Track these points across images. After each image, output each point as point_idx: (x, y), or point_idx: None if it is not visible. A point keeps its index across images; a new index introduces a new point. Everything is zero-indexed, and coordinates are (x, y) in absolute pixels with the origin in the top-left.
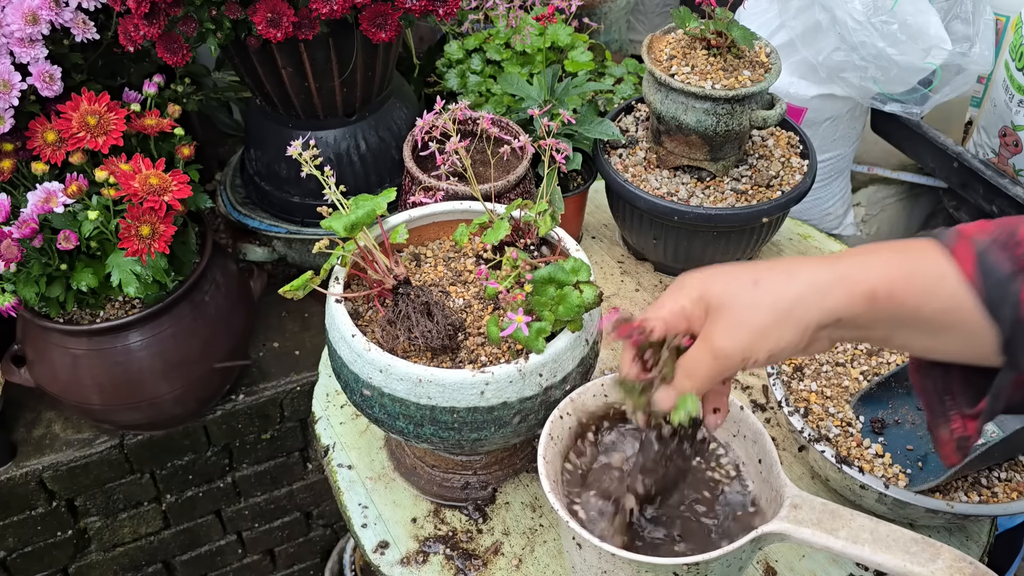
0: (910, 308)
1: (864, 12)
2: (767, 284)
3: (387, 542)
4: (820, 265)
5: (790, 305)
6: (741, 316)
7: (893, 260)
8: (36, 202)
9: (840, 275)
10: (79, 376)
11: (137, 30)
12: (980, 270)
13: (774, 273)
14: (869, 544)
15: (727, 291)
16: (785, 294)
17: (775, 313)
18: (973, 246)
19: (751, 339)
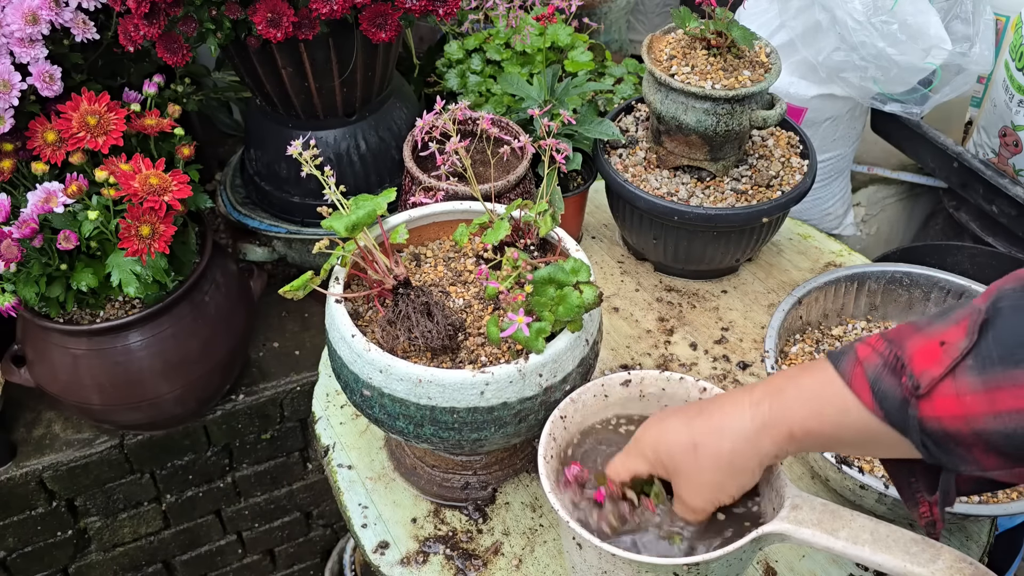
0: (828, 437)
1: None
2: (703, 448)
3: (387, 542)
4: (741, 415)
5: (729, 461)
6: (697, 481)
7: (801, 402)
8: (36, 202)
9: (760, 425)
10: (79, 376)
11: (137, 30)
12: (877, 399)
13: (706, 435)
14: (869, 544)
15: (676, 459)
16: (721, 453)
17: (720, 471)
18: (865, 375)
19: (713, 493)
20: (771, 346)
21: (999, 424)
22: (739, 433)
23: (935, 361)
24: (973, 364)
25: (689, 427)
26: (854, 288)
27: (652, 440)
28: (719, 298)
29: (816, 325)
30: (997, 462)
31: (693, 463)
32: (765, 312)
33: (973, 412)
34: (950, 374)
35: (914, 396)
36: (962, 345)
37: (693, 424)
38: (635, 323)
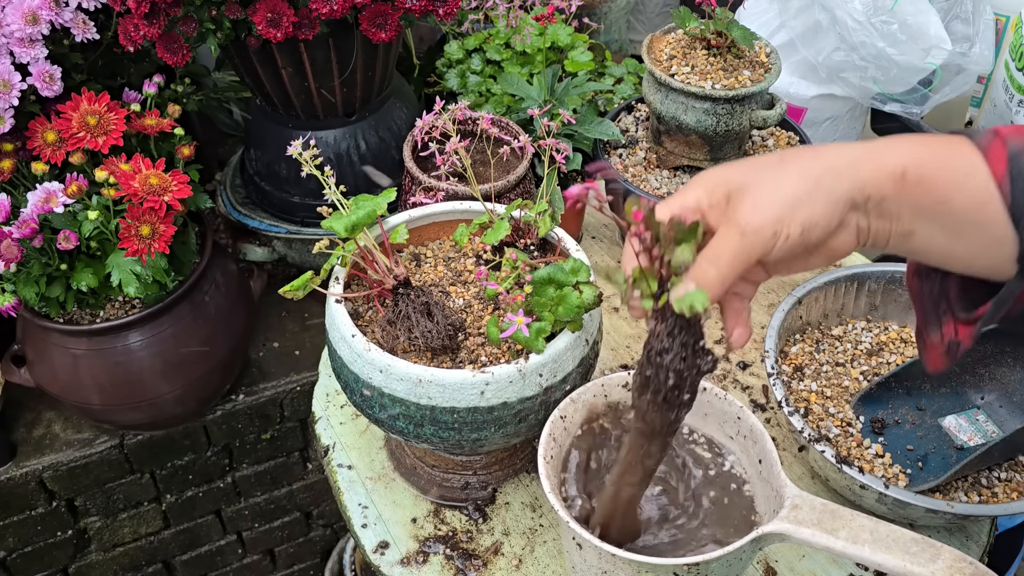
0: (938, 197)
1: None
2: (794, 159)
3: (387, 542)
4: (849, 145)
5: (820, 174)
6: (769, 189)
7: (925, 146)
8: (36, 202)
9: (870, 151)
10: (79, 376)
11: (137, 30)
12: (1010, 173)
13: (801, 152)
14: (869, 544)
15: (751, 171)
16: (814, 165)
17: (805, 182)
18: (1007, 147)
19: (781, 210)
20: (771, 346)
21: None
22: (841, 153)
23: None
24: None
25: (776, 153)
26: (854, 288)
27: (721, 168)
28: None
29: (816, 325)
30: None
31: (774, 171)
32: (765, 312)
33: None
34: None
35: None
36: None
37: (783, 153)
38: (635, 323)
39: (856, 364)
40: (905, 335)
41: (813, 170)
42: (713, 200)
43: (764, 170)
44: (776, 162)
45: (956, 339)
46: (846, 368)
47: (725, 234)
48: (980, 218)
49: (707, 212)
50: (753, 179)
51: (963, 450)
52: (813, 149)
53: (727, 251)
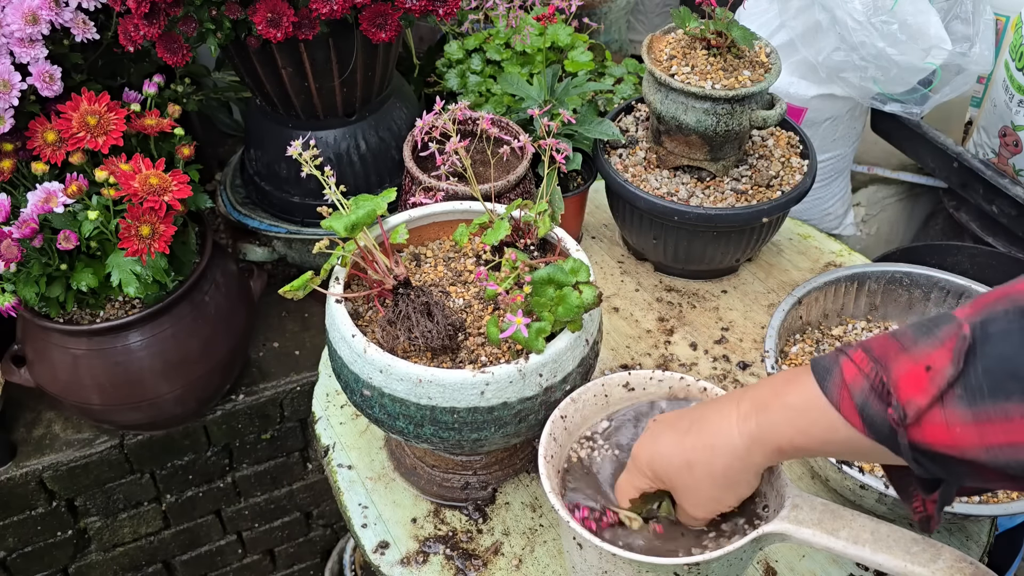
0: (816, 450)
1: (864, 12)
2: (698, 467)
3: (387, 542)
4: (730, 431)
5: (724, 475)
6: (695, 496)
7: (788, 420)
8: (36, 202)
9: (749, 442)
10: (79, 376)
11: (137, 30)
12: (866, 424)
13: (698, 452)
14: (870, 544)
15: (673, 476)
16: (715, 471)
17: (717, 486)
18: (853, 400)
19: (713, 505)
20: (771, 346)
21: (991, 457)
22: (730, 450)
23: (921, 390)
24: (962, 394)
25: (681, 445)
26: (854, 288)
27: (647, 458)
28: (719, 298)
29: (816, 325)
30: (1000, 480)
31: (690, 480)
32: (765, 312)
33: (963, 443)
34: (938, 403)
35: (901, 426)
36: (948, 373)
37: (684, 442)
38: (635, 323)
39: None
40: None
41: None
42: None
43: (683, 478)
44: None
45: (927, 514)
46: None
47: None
48: (862, 451)
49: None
50: (678, 484)
51: None
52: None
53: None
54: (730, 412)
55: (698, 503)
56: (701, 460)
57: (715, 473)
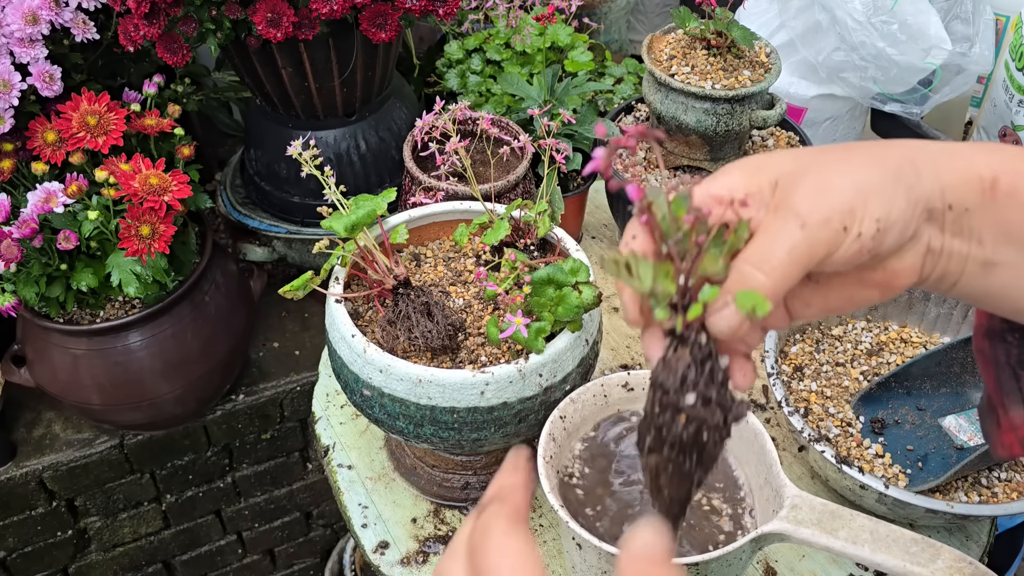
0: None
1: (864, 12)
2: (861, 145)
3: (387, 542)
4: (923, 141)
5: (898, 164)
6: (836, 171)
7: (1019, 156)
8: (36, 202)
9: (954, 152)
10: (79, 376)
11: (137, 30)
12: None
13: (866, 142)
14: (869, 544)
15: (807, 155)
16: (889, 153)
17: (881, 169)
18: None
19: (853, 197)
20: (771, 346)
21: None
22: (917, 146)
23: None
24: None
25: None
26: None
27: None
28: None
29: (816, 325)
30: None
31: (840, 154)
32: None
33: None
34: None
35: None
36: None
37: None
38: None
39: (856, 364)
40: (905, 335)
41: (889, 158)
42: (753, 187)
43: (825, 153)
44: (840, 148)
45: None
46: (846, 368)
47: (778, 226)
48: None
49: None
50: (811, 162)
51: (963, 450)
52: (883, 142)
53: (782, 248)
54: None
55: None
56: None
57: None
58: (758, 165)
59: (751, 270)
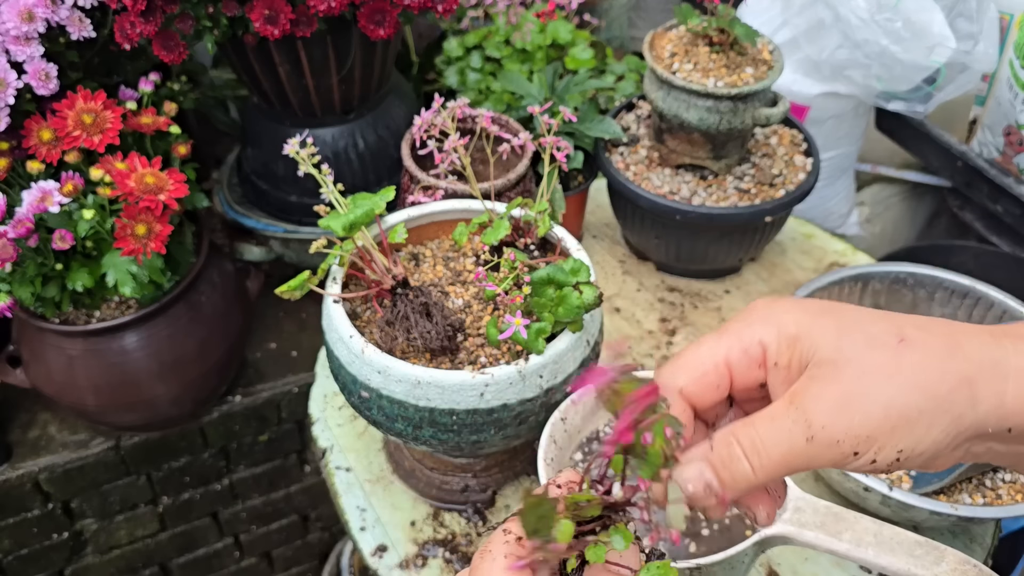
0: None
1: (867, 9)
2: (920, 342)
3: (385, 545)
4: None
5: (952, 387)
6: (869, 386)
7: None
8: (32, 201)
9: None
10: (75, 377)
11: (133, 28)
12: None
13: (931, 330)
14: (873, 547)
15: (852, 341)
16: (950, 368)
17: (927, 395)
18: None
19: (879, 426)
20: None
21: None
22: (996, 363)
23: None
24: None
25: (888, 316)
26: (858, 288)
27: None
28: (722, 298)
29: None
30: None
31: (887, 357)
32: None
33: None
34: None
35: None
36: None
37: (895, 317)
38: (637, 323)
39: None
40: None
41: (946, 377)
42: (784, 358)
43: (873, 348)
44: (893, 339)
45: None
46: None
47: (785, 425)
48: None
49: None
50: (852, 356)
51: None
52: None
53: (779, 449)
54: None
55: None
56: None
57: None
58: (794, 336)
59: (740, 456)
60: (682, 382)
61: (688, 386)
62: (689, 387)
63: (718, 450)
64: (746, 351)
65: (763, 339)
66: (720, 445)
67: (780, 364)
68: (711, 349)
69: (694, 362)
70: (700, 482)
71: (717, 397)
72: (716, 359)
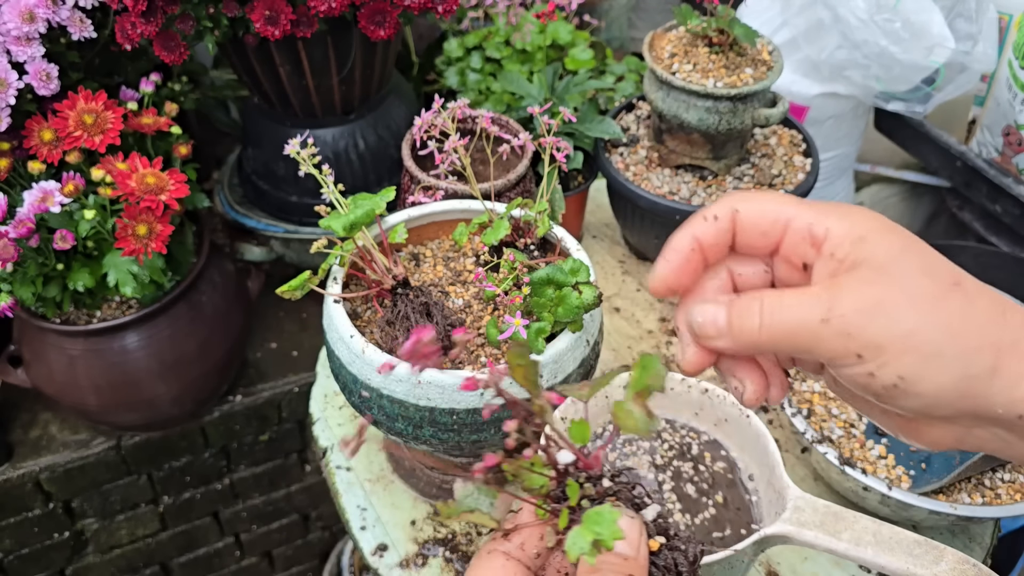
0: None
1: (867, 10)
2: (968, 296)
3: (386, 545)
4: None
5: (978, 347)
6: (907, 305)
7: None
8: (32, 201)
9: None
10: (76, 377)
11: (134, 28)
12: None
13: (981, 290)
14: (872, 546)
15: (907, 261)
16: (985, 331)
17: (954, 340)
18: None
19: (895, 340)
20: None
21: None
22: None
23: None
24: None
25: (952, 264)
26: None
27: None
28: None
29: None
30: None
31: (934, 288)
32: None
33: None
34: None
35: None
36: None
37: (957, 268)
38: (636, 323)
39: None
40: None
41: (977, 332)
42: (841, 251)
43: (925, 276)
44: (947, 278)
45: None
46: None
47: (809, 299)
48: None
49: (823, 256)
50: (903, 274)
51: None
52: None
53: (791, 316)
54: None
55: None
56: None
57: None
58: (862, 236)
59: (756, 311)
60: (741, 208)
61: (744, 213)
62: (744, 214)
63: (740, 300)
64: (810, 226)
65: (831, 227)
66: (744, 297)
67: (836, 256)
68: (783, 204)
69: (764, 202)
70: (709, 317)
71: (760, 244)
72: (781, 213)
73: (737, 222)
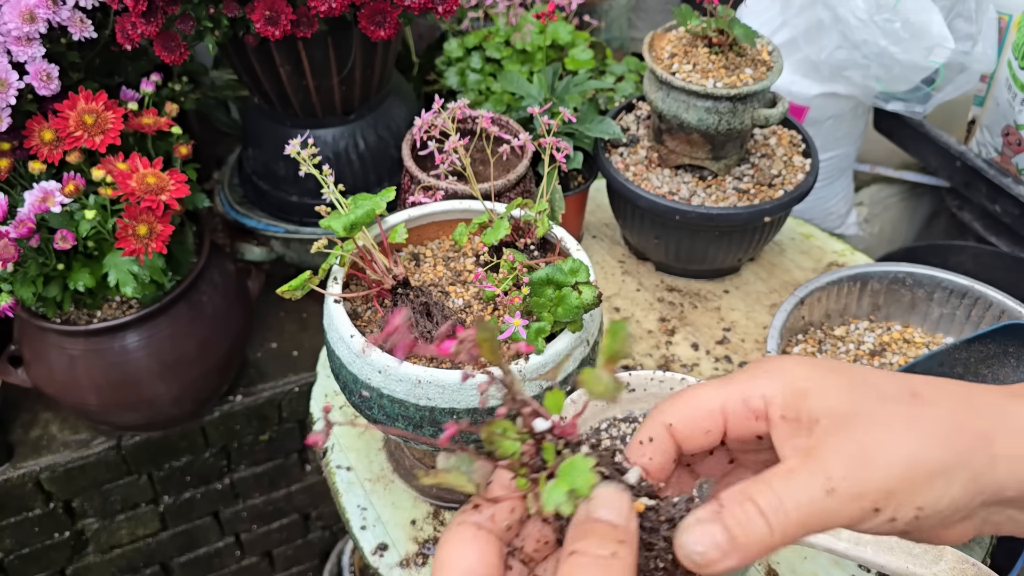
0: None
1: (866, 10)
2: (933, 397)
3: (386, 544)
4: (1003, 398)
5: (970, 444)
6: (886, 437)
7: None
8: (33, 201)
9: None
10: (76, 377)
11: (135, 28)
12: None
13: (942, 388)
14: (872, 546)
15: (865, 395)
16: (966, 425)
17: (946, 448)
18: None
19: (900, 479)
20: (773, 347)
21: None
22: (1009, 417)
23: None
24: None
25: (899, 376)
26: (857, 288)
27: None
28: (721, 298)
29: (819, 325)
30: None
31: (899, 411)
32: (767, 312)
33: None
34: None
35: None
36: None
37: (905, 376)
38: (636, 323)
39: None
40: (908, 335)
41: (962, 431)
42: (791, 412)
43: (885, 397)
44: (907, 395)
45: None
46: None
47: (803, 481)
48: None
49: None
50: (865, 409)
51: None
52: (957, 388)
53: (798, 507)
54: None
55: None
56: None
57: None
58: (804, 390)
59: (756, 513)
60: (672, 420)
61: (678, 424)
62: (679, 425)
63: (730, 508)
64: (746, 402)
65: (766, 393)
66: (732, 504)
67: (788, 417)
68: (709, 394)
69: (690, 403)
70: (708, 541)
71: (706, 442)
72: (712, 405)
73: (675, 434)
